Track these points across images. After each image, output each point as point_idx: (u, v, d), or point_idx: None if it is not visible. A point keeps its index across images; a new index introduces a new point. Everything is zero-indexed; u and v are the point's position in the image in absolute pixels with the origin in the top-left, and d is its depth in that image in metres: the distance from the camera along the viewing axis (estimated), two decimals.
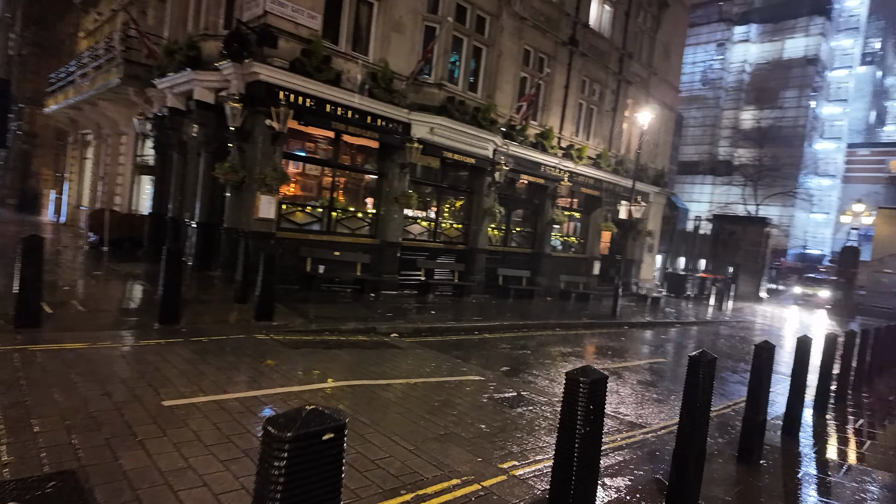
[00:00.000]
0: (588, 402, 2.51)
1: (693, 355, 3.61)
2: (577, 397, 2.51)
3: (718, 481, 4.43)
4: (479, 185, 15.20)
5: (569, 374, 2.60)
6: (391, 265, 13.13)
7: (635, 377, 8.65)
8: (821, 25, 48.29)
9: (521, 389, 6.77)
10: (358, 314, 10.11)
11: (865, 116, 58.23)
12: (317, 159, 12.25)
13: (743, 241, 32.99)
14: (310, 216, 12.05)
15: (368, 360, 7.18)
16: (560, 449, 2.59)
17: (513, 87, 15.69)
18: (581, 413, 2.50)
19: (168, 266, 7.21)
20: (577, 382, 2.53)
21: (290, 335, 7.94)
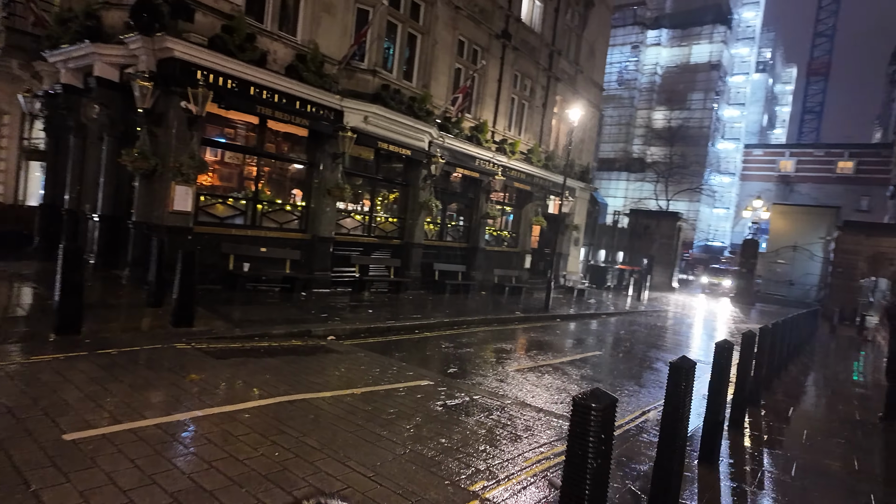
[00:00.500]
0: (600, 432, 2.18)
1: (674, 362, 3.42)
2: (589, 427, 2.18)
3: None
4: (415, 178, 14.73)
5: (577, 399, 2.26)
6: (323, 261, 12.38)
7: (578, 372, 8.62)
8: (723, 34, 51.92)
9: (472, 393, 6.46)
10: (289, 316, 9.37)
11: (759, 120, 63.59)
12: (240, 147, 11.24)
13: (657, 234, 34.86)
14: (232, 209, 11.04)
15: (306, 368, 6.56)
16: (568, 488, 2.24)
17: (448, 79, 15.32)
18: (592, 446, 2.17)
19: (66, 265, 6.18)
20: (588, 410, 2.19)
21: (214, 343, 7.12)
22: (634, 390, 7.99)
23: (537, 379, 7.79)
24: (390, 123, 13.02)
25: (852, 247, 28.56)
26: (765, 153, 58.21)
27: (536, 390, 7.14)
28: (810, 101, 75.06)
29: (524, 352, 9.71)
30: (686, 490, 4.16)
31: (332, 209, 12.43)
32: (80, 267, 6.36)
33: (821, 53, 72.23)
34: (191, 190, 9.73)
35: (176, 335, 7.04)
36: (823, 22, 70.44)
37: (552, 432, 5.39)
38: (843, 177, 53.68)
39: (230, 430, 4.28)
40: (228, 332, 7.68)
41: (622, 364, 9.85)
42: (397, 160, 14.62)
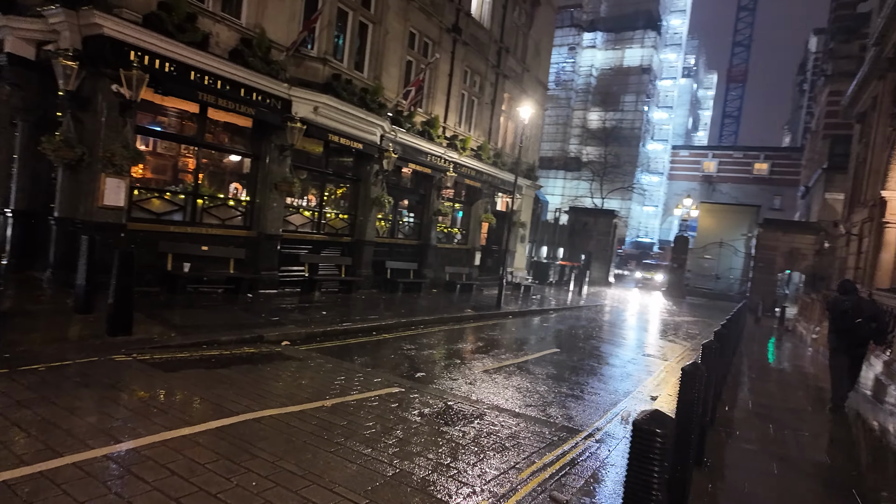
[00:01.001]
0: (663, 459, 1.96)
1: (686, 369, 3.29)
2: (653, 455, 1.95)
3: None
4: (366, 173, 14.21)
5: (638, 424, 2.02)
6: (270, 260, 11.65)
7: (542, 371, 8.53)
8: (653, 39, 54.24)
9: (446, 399, 6.17)
10: (238, 320, 8.69)
11: (685, 122, 67.18)
12: (178, 136, 10.31)
13: (594, 231, 35.95)
14: (170, 204, 10.13)
15: (266, 378, 6.03)
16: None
17: (399, 71, 14.88)
18: (657, 475, 1.94)
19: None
20: (654, 436, 1.96)
21: (158, 353, 6.42)
22: (600, 387, 7.99)
23: (506, 380, 7.62)
24: (341, 115, 12.44)
25: (771, 243, 30.61)
26: (690, 154, 61.45)
27: (507, 392, 6.96)
28: (729, 106, 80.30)
29: (486, 351, 9.53)
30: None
31: (279, 205, 11.72)
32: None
33: (739, 62, 77.42)
34: (123, 183, 8.80)
35: (113, 345, 6.28)
36: (741, 32, 75.55)
37: (536, 439, 5.21)
38: (759, 177, 57.60)
39: (194, 456, 3.76)
40: (173, 339, 6.96)
41: (580, 361, 9.89)
42: (347, 154, 14.04)
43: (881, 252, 14.05)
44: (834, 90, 34.90)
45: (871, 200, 14.97)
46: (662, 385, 8.63)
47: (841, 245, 20.90)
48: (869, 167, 16.19)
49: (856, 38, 34.72)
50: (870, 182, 15.91)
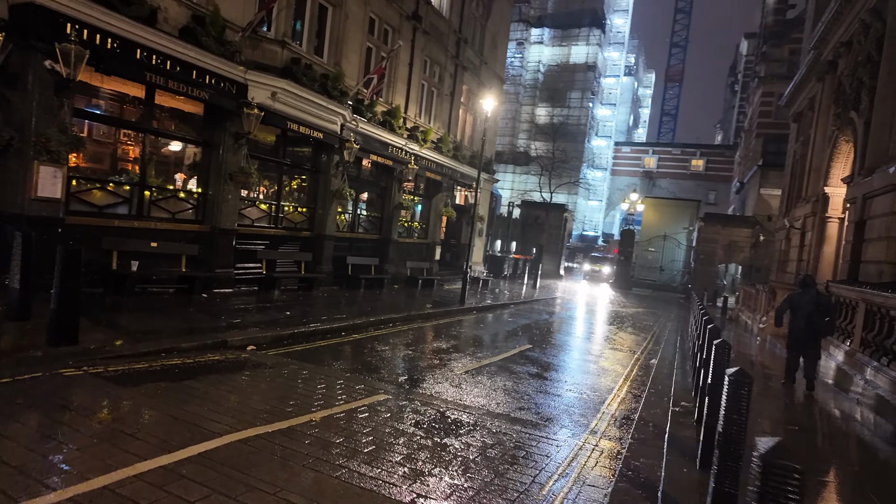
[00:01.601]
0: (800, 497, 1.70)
1: (733, 376, 3.09)
2: (789, 497, 1.69)
3: None
4: (326, 164, 13.53)
5: (765, 460, 1.74)
6: (225, 257, 10.83)
7: (522, 369, 8.32)
8: (598, 37, 55.49)
9: (437, 406, 5.81)
10: (196, 323, 7.95)
11: (627, 119, 69.40)
12: (122, 121, 9.33)
13: (546, 224, 36.44)
14: (113, 196, 9.15)
15: (241, 391, 5.45)
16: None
17: (359, 58, 14.24)
18: None
19: None
20: (791, 473, 1.69)
21: (112, 364, 5.68)
22: (582, 384, 7.85)
23: (489, 381, 7.34)
24: (301, 102, 11.72)
25: (711, 236, 32.04)
26: (632, 150, 63.49)
27: (495, 395, 6.68)
28: (667, 105, 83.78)
29: (461, 350, 9.22)
30: None
31: (234, 197, 10.90)
32: None
33: (676, 62, 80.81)
34: (60, 172, 7.82)
35: (58, 357, 5.49)
36: (678, 34, 78.82)
37: (544, 447, 4.94)
38: (696, 173, 60.27)
39: (182, 493, 3.21)
40: (127, 348, 6.21)
41: (555, 357, 9.77)
42: (305, 144, 13.32)
43: (823, 245, 14.82)
44: (767, 91, 36.90)
45: (813, 196, 15.77)
46: (634, 383, 8.62)
47: (780, 238, 22.04)
48: (809, 164, 17.05)
49: (785, 43, 36.80)
50: (811, 179, 16.77)
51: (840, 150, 14.37)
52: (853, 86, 13.17)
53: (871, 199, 10.64)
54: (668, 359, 10.48)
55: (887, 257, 9.57)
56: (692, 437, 5.25)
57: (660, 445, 4.99)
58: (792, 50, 36.32)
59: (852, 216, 11.67)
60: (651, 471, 4.36)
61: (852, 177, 12.40)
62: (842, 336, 9.15)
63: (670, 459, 4.55)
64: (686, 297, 32.09)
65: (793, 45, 36.28)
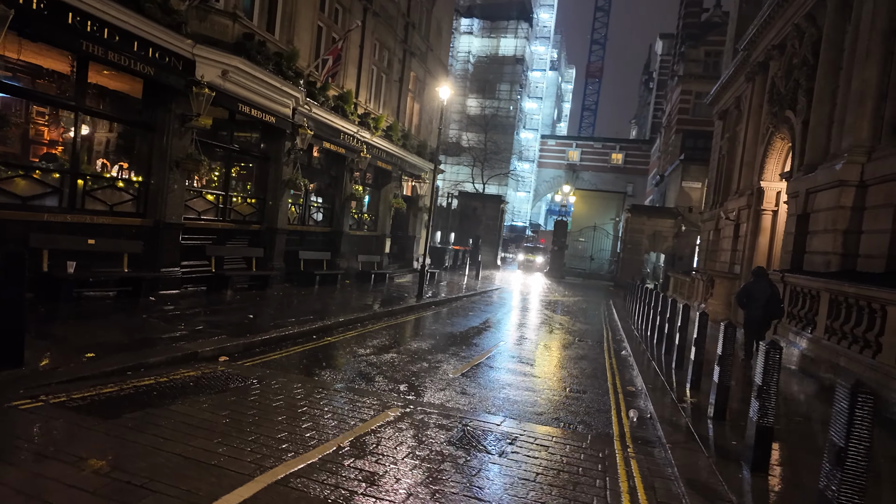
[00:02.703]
0: None
1: (852, 389, 2.93)
2: None
3: None
4: (277, 152, 12.48)
5: None
6: (171, 255, 9.65)
7: (511, 366, 8.05)
8: (526, 30, 56.38)
9: (455, 418, 5.37)
10: (153, 332, 6.94)
11: (552, 113, 71.33)
12: (50, 98, 7.93)
13: (483, 215, 36.65)
14: (40, 185, 7.78)
15: (241, 415, 4.70)
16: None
17: (310, 37, 13.23)
18: None
19: None
20: None
21: (74, 389, 4.72)
22: (579, 382, 7.71)
23: (489, 383, 7.02)
24: (253, 83, 10.66)
25: (638, 226, 33.58)
26: (557, 143, 65.37)
27: (507, 394, 6.36)
28: (588, 100, 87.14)
29: (443, 350, 8.80)
30: None
31: (180, 187, 9.72)
32: None
33: (596, 59, 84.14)
34: None
35: (4, 384, 4.46)
36: (598, 31, 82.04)
37: (592, 459, 4.66)
38: (615, 167, 63.08)
39: None
40: (87, 367, 5.22)
41: (535, 353, 9.62)
42: (254, 129, 12.23)
43: (759, 236, 15.81)
44: (685, 90, 39.15)
45: (747, 190, 16.77)
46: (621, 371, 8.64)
47: (707, 229, 23.42)
48: (741, 160, 18.12)
49: (702, 45, 39.19)
50: (742, 173, 17.83)
51: (774, 147, 15.34)
52: (789, 87, 14.03)
53: (814, 193, 11.34)
54: (634, 347, 10.66)
55: (834, 248, 10.22)
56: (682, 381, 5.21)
57: (667, 402, 4.89)
58: (707, 52, 38.76)
59: (794, 209, 12.43)
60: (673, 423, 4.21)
61: (791, 172, 13.24)
62: (801, 324, 9.68)
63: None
64: (615, 284, 33.56)
65: (708, 47, 38.74)
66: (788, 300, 10.40)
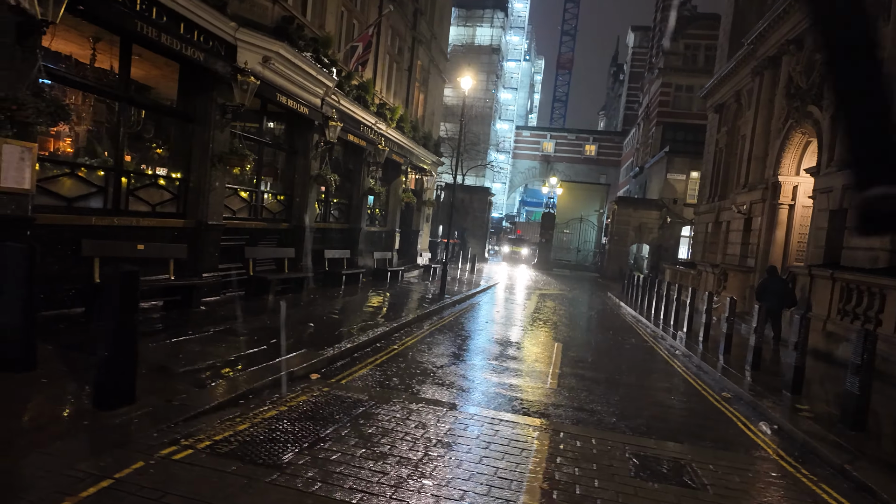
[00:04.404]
0: None
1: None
2: None
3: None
4: (304, 145, 11.68)
5: None
6: (212, 259, 8.83)
7: (589, 373, 7.73)
8: (502, 19, 56.00)
9: (610, 440, 4.98)
10: (232, 350, 6.24)
11: (526, 104, 71.38)
12: (93, 85, 6.98)
13: (471, 208, 36.27)
14: (85, 184, 6.86)
15: (398, 453, 4.17)
16: None
17: (335, 21, 12.43)
18: None
19: None
20: None
21: (207, 429, 4.07)
22: (649, 385, 7.45)
23: (593, 393, 6.66)
24: (291, 70, 9.87)
25: (625, 218, 33.90)
26: (531, 134, 65.47)
27: (631, 418, 6.03)
28: (559, 91, 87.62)
29: (511, 357, 8.40)
30: None
31: (221, 184, 8.89)
32: None
33: (566, 50, 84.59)
34: (29, 153, 5.58)
35: (124, 427, 3.77)
36: (568, 22, 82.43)
37: (771, 480, 4.36)
38: (589, 158, 63.71)
39: None
40: (200, 399, 4.55)
41: (594, 354, 9.35)
42: (280, 120, 11.43)
43: (775, 230, 16.02)
44: (666, 82, 39.63)
45: (760, 184, 16.95)
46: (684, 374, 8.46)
47: (705, 221, 23.74)
48: (749, 154, 18.32)
49: (682, 38, 39.74)
50: (751, 167, 18.03)
51: (792, 142, 15.51)
52: (812, 82, 14.15)
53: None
54: (685, 346, 10.53)
55: (882, 244, 10.32)
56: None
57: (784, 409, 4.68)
58: (687, 45, 39.33)
59: (825, 204, 12.56)
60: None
61: (818, 168, 13.37)
62: (860, 320, 9.74)
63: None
64: (602, 276, 33.90)
65: (688, 40, 39.31)
66: (839, 297, 10.46)
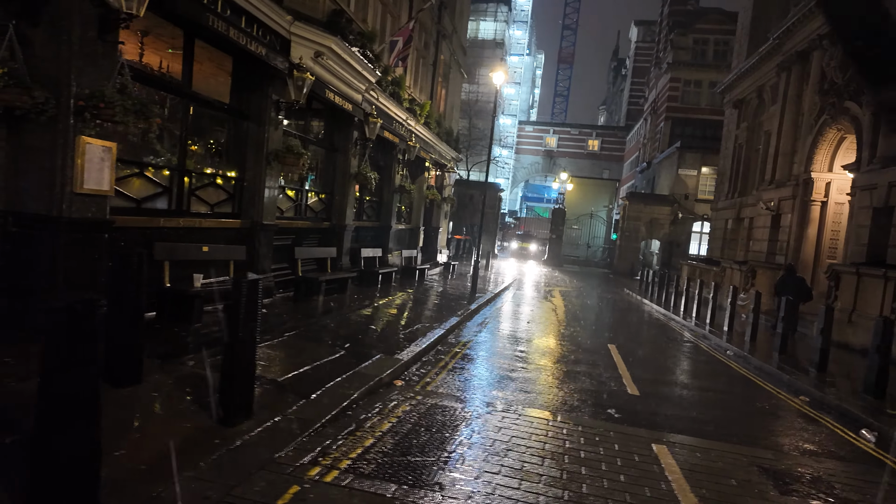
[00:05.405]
0: None
1: None
2: None
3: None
4: (344, 142, 11.43)
5: None
6: (265, 259, 8.60)
7: (679, 378, 7.58)
8: (505, 13, 55.66)
9: (718, 449, 4.82)
10: (313, 356, 6.02)
11: (528, 99, 71.04)
12: (162, 81, 6.71)
13: (480, 203, 35.99)
14: (151, 184, 6.61)
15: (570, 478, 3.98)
16: None
17: (374, 15, 12.15)
18: None
19: None
20: None
21: (339, 445, 3.87)
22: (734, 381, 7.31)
23: (667, 391, 6.50)
24: (340, 66, 9.61)
25: (636, 214, 33.81)
26: (534, 129, 65.21)
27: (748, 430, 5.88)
28: (560, 86, 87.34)
29: (588, 363, 8.24)
30: None
31: (274, 184, 8.64)
32: None
33: (568, 44, 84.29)
34: (109, 153, 5.33)
35: (253, 447, 3.56)
36: (569, 16, 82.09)
37: None
38: (592, 153, 63.47)
39: None
40: (312, 411, 4.35)
41: (659, 354, 9.21)
42: (320, 116, 11.15)
43: (807, 227, 15.92)
44: (675, 77, 39.46)
45: (789, 180, 16.84)
46: None
47: (724, 217, 23.65)
48: (776, 150, 18.21)
49: (690, 32, 39.57)
50: (778, 163, 17.91)
51: (826, 138, 15.39)
52: (849, 78, 14.01)
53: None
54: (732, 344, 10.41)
55: None
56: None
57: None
58: (696, 39, 39.19)
59: (868, 202, 12.44)
60: None
61: (858, 164, 13.25)
62: None
63: None
64: (613, 272, 33.86)
65: (697, 35, 39.16)
66: (893, 296, 10.35)
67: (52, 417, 2.49)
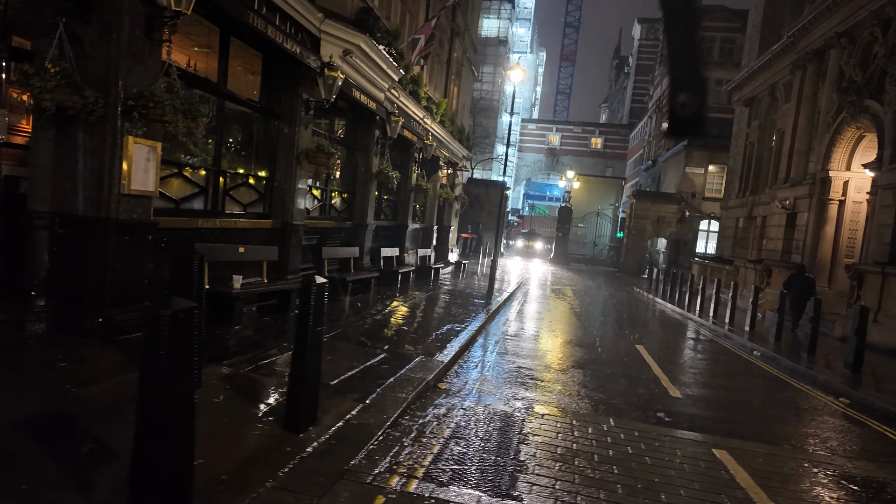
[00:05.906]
0: None
1: None
2: None
3: None
4: (366, 141, 11.34)
5: None
6: (295, 260, 8.52)
7: (715, 380, 7.52)
8: (508, 11, 55.49)
9: (807, 461, 4.77)
10: (359, 359, 5.96)
11: (530, 96, 70.91)
12: (199, 80, 6.62)
13: (486, 202, 36.00)
14: (189, 185, 6.53)
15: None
16: None
17: (396, 12, 12.05)
18: None
19: None
20: None
21: (411, 453, 3.80)
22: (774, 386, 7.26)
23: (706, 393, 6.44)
24: (365, 63, 9.52)
25: (643, 212, 33.76)
26: (537, 127, 65.10)
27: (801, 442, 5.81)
28: (562, 84, 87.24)
29: (624, 366, 8.18)
30: None
31: (304, 183, 8.56)
32: None
33: (570, 42, 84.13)
34: (154, 153, 5.24)
35: (326, 455, 3.49)
36: (571, 14, 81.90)
37: None
38: (595, 151, 63.48)
39: None
40: (371, 417, 4.27)
41: (699, 361, 9.15)
42: (342, 115, 11.05)
43: (824, 226, 15.86)
44: None
45: (805, 179, 16.79)
46: None
47: (735, 216, 23.61)
48: (790, 148, 18.14)
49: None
50: (793, 162, 17.85)
51: (844, 136, 15.33)
52: (870, 75, 13.94)
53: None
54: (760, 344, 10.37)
55: None
56: None
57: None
58: (702, 37, 39.11)
59: (889, 200, 12.39)
60: None
61: (879, 163, 13.19)
62: None
63: None
64: (619, 271, 33.82)
65: (703, 32, 39.09)
66: None
67: (153, 429, 2.42)
